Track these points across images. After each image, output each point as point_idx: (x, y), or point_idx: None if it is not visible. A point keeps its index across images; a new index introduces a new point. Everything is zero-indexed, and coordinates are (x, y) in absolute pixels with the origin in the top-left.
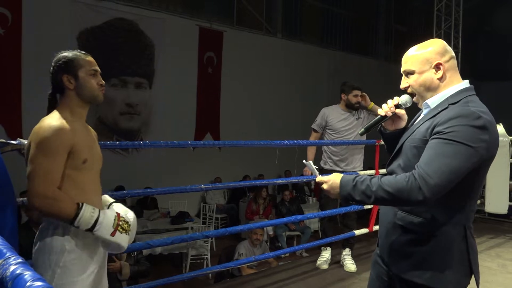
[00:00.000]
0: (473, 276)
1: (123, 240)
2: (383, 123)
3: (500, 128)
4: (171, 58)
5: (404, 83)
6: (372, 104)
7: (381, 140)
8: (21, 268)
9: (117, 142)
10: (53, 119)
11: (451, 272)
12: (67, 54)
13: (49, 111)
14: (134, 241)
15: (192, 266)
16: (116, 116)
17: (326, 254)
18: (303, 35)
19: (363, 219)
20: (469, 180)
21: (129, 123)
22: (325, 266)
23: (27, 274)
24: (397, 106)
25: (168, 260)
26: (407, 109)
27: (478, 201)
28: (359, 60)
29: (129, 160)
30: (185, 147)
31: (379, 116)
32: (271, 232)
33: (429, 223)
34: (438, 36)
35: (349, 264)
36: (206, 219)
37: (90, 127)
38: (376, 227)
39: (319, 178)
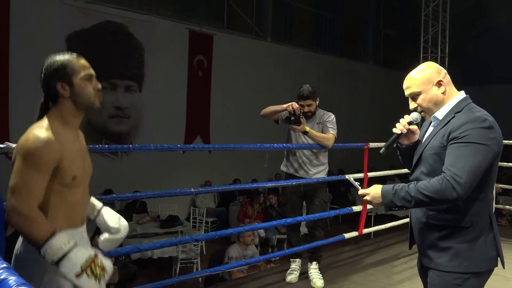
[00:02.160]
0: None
1: (89, 285)
2: (399, 140)
3: None
4: (161, 61)
5: (413, 105)
6: (308, 129)
7: (370, 144)
8: (6, 273)
9: (106, 146)
10: (41, 130)
11: (484, 257)
12: (58, 59)
13: (39, 120)
14: (122, 245)
15: (182, 270)
16: (105, 119)
17: (294, 266)
18: (292, 39)
19: (352, 222)
20: (486, 173)
21: (119, 127)
22: (295, 280)
23: (12, 279)
24: (410, 123)
25: (158, 264)
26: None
27: None
28: (349, 64)
29: (118, 164)
30: (175, 151)
31: (395, 135)
32: (263, 235)
33: (460, 217)
34: (426, 41)
35: (316, 279)
36: (196, 222)
37: (81, 133)
38: (365, 230)
39: (362, 191)
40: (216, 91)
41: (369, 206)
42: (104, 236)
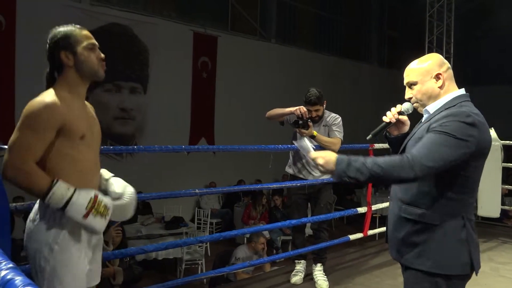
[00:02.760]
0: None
1: (97, 223)
2: (388, 129)
3: (492, 133)
4: (165, 63)
5: (408, 93)
6: (315, 133)
7: (374, 145)
8: (12, 273)
9: (111, 147)
10: (47, 95)
11: (451, 259)
12: (62, 29)
13: (47, 88)
14: (127, 246)
15: (187, 271)
16: (110, 120)
17: (299, 267)
18: (297, 40)
19: (356, 223)
20: (464, 173)
21: (123, 128)
22: (299, 281)
23: (18, 279)
24: (400, 113)
25: (163, 266)
26: (410, 117)
27: None
28: (353, 65)
29: (123, 165)
30: (180, 152)
31: (384, 123)
32: (267, 236)
33: (431, 214)
34: (430, 42)
35: (321, 281)
36: (201, 224)
37: (91, 107)
38: (370, 231)
39: (314, 153)
40: (220, 92)
41: (374, 207)
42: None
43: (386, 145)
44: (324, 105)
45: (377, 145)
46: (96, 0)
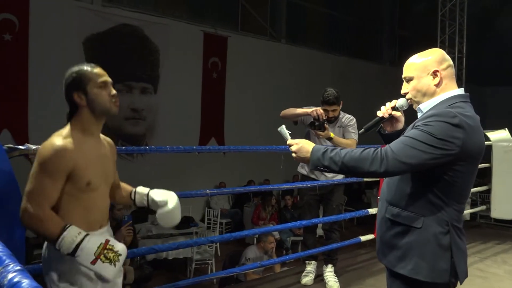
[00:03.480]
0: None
1: (105, 270)
2: (382, 125)
3: (506, 133)
4: (176, 64)
5: (405, 88)
6: (332, 135)
7: (385, 145)
8: (19, 276)
9: (123, 148)
10: (58, 138)
11: (431, 265)
12: (74, 69)
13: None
14: (138, 246)
15: (197, 271)
16: (121, 121)
17: (310, 268)
18: (307, 40)
19: (367, 224)
20: (448, 178)
21: (134, 128)
22: (310, 282)
23: (25, 282)
24: (394, 108)
25: (173, 265)
26: (408, 114)
27: (484, 207)
28: (363, 65)
29: (133, 165)
30: (190, 152)
31: (377, 118)
32: (277, 236)
33: (414, 217)
34: (442, 41)
35: (332, 282)
36: (211, 224)
37: (110, 141)
38: None
39: (290, 140)
40: (230, 92)
41: None
42: (157, 213)
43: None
44: (341, 106)
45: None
46: (108, 1)
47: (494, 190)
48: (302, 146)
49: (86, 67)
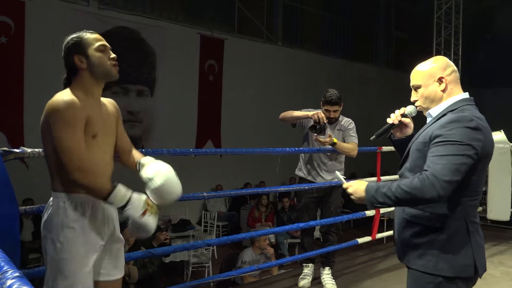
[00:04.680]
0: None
1: (151, 222)
2: (392, 131)
3: (501, 135)
4: (172, 66)
5: (413, 96)
6: (336, 141)
7: (382, 147)
8: (18, 283)
9: None
10: (64, 94)
11: (454, 261)
12: (74, 35)
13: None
14: (140, 248)
15: (194, 274)
16: None
17: (307, 271)
18: (303, 43)
19: (364, 226)
20: (467, 176)
21: (131, 131)
22: (307, 284)
23: None
24: (403, 115)
25: (170, 268)
26: (416, 119)
27: (480, 208)
28: (360, 67)
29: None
30: (187, 155)
31: (387, 124)
32: (273, 240)
33: (433, 216)
34: (438, 44)
35: (329, 285)
36: (208, 226)
37: (112, 102)
38: (379, 235)
39: (346, 184)
40: (227, 95)
41: (382, 211)
42: (147, 191)
43: (393, 148)
44: (341, 107)
45: (385, 148)
46: (104, 4)
47: (490, 192)
48: (357, 187)
49: (85, 32)
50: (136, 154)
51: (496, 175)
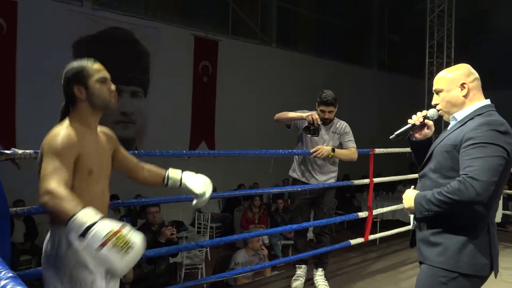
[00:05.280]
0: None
1: (110, 257)
2: (411, 132)
3: None
4: (166, 67)
5: (435, 100)
6: (332, 154)
7: (375, 149)
8: (12, 283)
9: None
10: (61, 127)
11: (473, 261)
12: (75, 64)
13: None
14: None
15: (187, 276)
16: (111, 124)
17: (300, 272)
18: (297, 45)
19: (357, 227)
20: None
21: (124, 132)
22: (300, 286)
23: None
24: (425, 117)
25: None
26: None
27: None
28: (353, 69)
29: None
30: (180, 156)
31: (409, 125)
32: (266, 241)
33: (455, 216)
34: (431, 46)
35: (322, 286)
36: (201, 228)
37: (107, 131)
38: (371, 236)
39: (405, 203)
40: (221, 96)
41: (374, 212)
42: (194, 201)
43: (386, 150)
44: (336, 109)
45: (378, 150)
46: (98, 4)
47: None
48: (409, 199)
49: (87, 62)
50: (149, 166)
51: None
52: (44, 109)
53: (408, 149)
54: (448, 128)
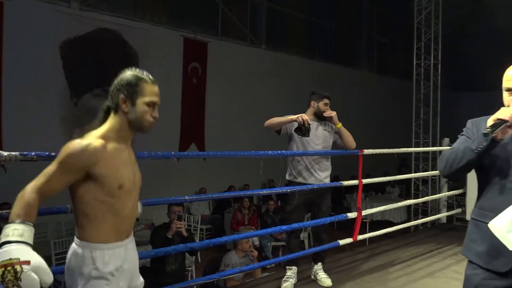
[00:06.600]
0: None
1: None
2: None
3: None
4: (155, 69)
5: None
6: (340, 124)
7: (364, 150)
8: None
9: None
10: (90, 137)
11: (491, 256)
12: (135, 74)
13: (100, 122)
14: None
15: None
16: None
17: (290, 273)
18: (287, 46)
19: (346, 228)
20: None
21: None
22: (290, 287)
23: None
24: None
25: (151, 272)
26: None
27: (460, 210)
28: (343, 70)
29: None
30: (169, 158)
31: (499, 121)
32: (257, 243)
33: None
34: (419, 48)
35: (324, 279)
36: (191, 230)
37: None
38: (360, 236)
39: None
40: (210, 98)
41: (364, 213)
42: None
43: (375, 151)
44: None
45: (366, 151)
46: (86, 5)
47: (469, 194)
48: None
49: (146, 79)
50: None
51: (474, 177)
52: (31, 110)
53: (396, 150)
54: None
